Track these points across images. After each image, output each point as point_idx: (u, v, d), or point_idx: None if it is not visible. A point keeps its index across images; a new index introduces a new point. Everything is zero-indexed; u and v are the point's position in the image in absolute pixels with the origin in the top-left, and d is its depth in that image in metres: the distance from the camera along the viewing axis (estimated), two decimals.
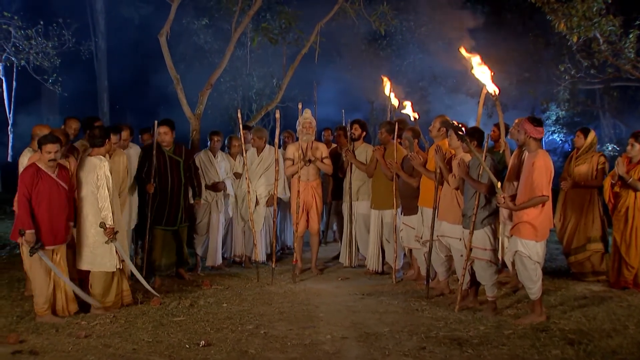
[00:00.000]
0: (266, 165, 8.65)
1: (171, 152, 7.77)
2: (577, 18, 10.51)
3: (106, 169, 6.31)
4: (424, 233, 7.19)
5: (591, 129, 8.10)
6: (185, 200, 7.86)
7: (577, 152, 7.83)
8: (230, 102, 22.12)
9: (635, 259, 7.03)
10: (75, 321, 6.02)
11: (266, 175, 8.64)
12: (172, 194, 7.70)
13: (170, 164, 7.73)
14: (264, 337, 5.56)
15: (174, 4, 9.92)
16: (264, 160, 8.70)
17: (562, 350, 5.12)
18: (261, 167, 8.71)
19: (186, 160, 7.86)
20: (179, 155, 7.81)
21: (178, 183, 7.77)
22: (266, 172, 8.65)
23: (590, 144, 7.73)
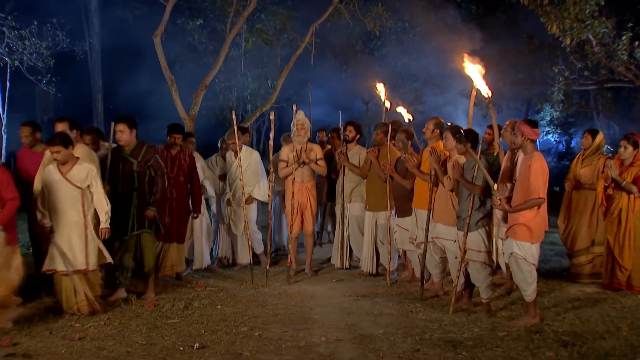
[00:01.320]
0: (244, 167, 8.31)
1: (128, 152, 6.93)
2: (569, 20, 10.57)
3: None
4: (418, 235, 7.20)
5: (599, 130, 8.11)
6: (140, 206, 6.90)
7: (583, 153, 7.84)
8: (225, 103, 22.14)
9: (629, 260, 7.06)
10: (69, 324, 6.00)
11: (244, 176, 8.24)
12: (121, 198, 6.83)
13: (123, 165, 6.91)
14: (258, 339, 5.55)
15: (169, 5, 9.93)
16: (242, 162, 8.31)
17: (555, 352, 5.13)
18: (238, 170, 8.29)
19: (142, 162, 6.93)
20: (135, 156, 6.91)
21: (129, 186, 6.89)
22: (245, 174, 8.29)
23: (597, 146, 7.74)
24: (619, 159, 7.23)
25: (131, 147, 6.95)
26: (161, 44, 9.88)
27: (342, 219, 8.50)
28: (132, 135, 6.94)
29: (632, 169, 7.11)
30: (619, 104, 20.26)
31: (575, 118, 24.08)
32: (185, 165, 7.76)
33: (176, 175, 7.68)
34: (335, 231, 8.77)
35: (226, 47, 10.48)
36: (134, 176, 6.91)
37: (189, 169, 7.80)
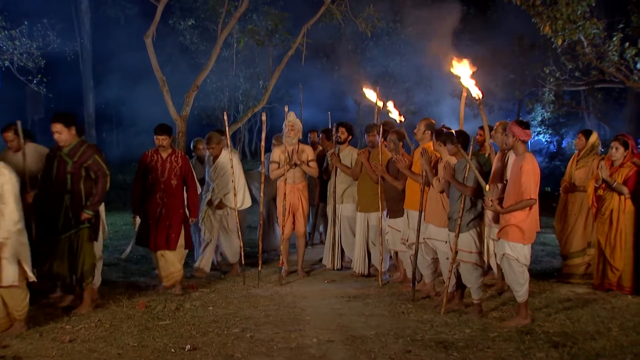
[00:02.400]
0: (223, 172, 8.10)
1: (65, 152, 6.45)
2: (561, 21, 10.60)
3: None
4: (410, 236, 7.21)
5: (593, 131, 8.12)
6: (73, 208, 6.40)
7: (578, 155, 7.87)
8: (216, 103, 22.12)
9: (620, 261, 7.09)
10: (59, 325, 5.97)
11: (221, 181, 8.11)
12: (52, 200, 6.43)
13: (58, 165, 6.45)
14: (249, 340, 5.55)
15: (160, 5, 9.89)
16: (219, 167, 8.13)
17: (546, 353, 5.15)
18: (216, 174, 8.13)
19: (78, 163, 6.43)
20: (71, 156, 6.44)
21: (61, 188, 6.43)
22: (221, 178, 8.11)
23: (591, 146, 7.75)
24: (610, 159, 7.26)
25: (69, 146, 6.46)
26: (153, 44, 9.84)
27: (334, 220, 8.50)
28: (70, 134, 6.43)
29: (623, 169, 7.14)
30: (610, 105, 20.38)
31: (566, 118, 24.18)
32: (177, 168, 7.38)
33: (167, 179, 7.32)
34: (327, 232, 8.77)
35: (218, 48, 10.45)
36: (67, 177, 6.41)
37: (183, 172, 7.41)
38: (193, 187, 7.53)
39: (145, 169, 7.37)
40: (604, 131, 23.57)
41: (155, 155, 7.38)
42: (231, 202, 8.02)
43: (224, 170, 8.09)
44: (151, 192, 7.31)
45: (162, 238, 7.26)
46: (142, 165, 7.42)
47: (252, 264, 8.54)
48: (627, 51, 12.12)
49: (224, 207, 8.16)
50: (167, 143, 7.34)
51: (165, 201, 7.30)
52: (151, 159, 7.30)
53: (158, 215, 7.28)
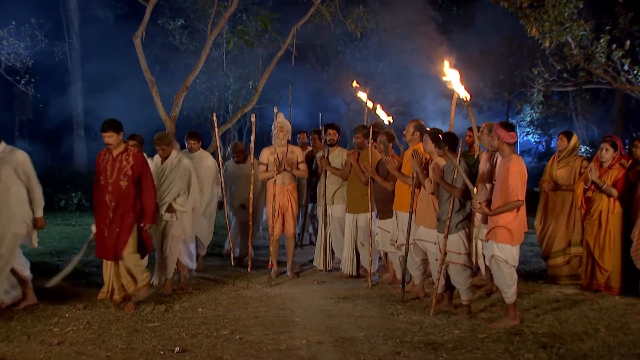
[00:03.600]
0: (174, 175, 7.46)
1: None
2: (549, 23, 10.65)
3: None
4: (399, 237, 7.23)
5: (574, 132, 8.20)
6: None
7: (559, 155, 7.91)
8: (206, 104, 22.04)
9: (609, 262, 7.13)
10: (47, 328, 5.94)
11: (172, 184, 7.45)
12: None
13: None
14: (239, 342, 5.54)
15: (149, 6, 9.86)
16: (168, 170, 7.47)
17: (535, 354, 5.18)
18: (163, 177, 7.51)
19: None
20: None
21: None
22: (171, 181, 7.47)
23: (573, 147, 7.82)
24: (598, 161, 7.30)
25: None
26: (142, 44, 9.80)
27: (325, 221, 8.51)
28: None
29: (612, 171, 7.17)
30: (597, 106, 20.50)
31: (554, 119, 24.32)
32: (127, 168, 6.58)
33: (116, 180, 6.56)
34: (318, 233, 8.77)
35: (207, 48, 10.42)
36: None
37: (135, 172, 6.60)
38: (147, 189, 6.69)
39: (99, 170, 6.73)
40: (591, 132, 23.72)
41: (107, 154, 6.69)
42: (184, 206, 7.46)
43: (172, 172, 7.46)
44: (101, 196, 6.63)
45: (111, 246, 6.56)
46: (97, 166, 6.77)
47: (241, 265, 8.53)
48: (614, 53, 12.21)
49: (173, 211, 7.43)
50: (114, 141, 6.56)
51: (114, 205, 6.57)
52: (102, 159, 6.68)
53: (108, 221, 6.59)
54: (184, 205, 7.48)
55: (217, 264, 9.18)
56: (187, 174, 7.52)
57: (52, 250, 10.15)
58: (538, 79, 16.34)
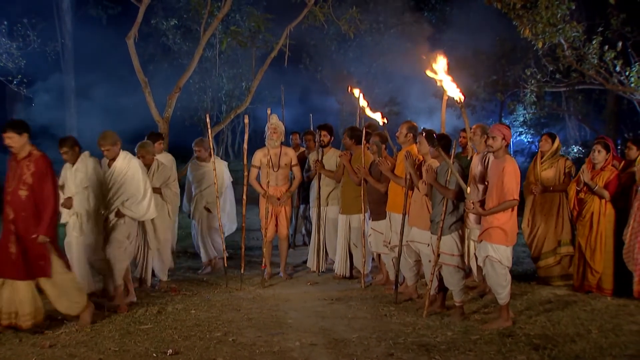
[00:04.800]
0: (124, 178, 6.80)
1: None
2: (541, 24, 10.68)
3: None
4: (392, 238, 7.23)
5: (556, 134, 8.24)
6: None
7: (542, 156, 7.94)
8: (199, 104, 22.03)
9: (600, 264, 7.16)
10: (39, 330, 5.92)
11: (120, 188, 6.78)
12: None
13: None
14: (232, 344, 5.53)
15: (142, 7, 9.83)
16: (116, 172, 6.80)
17: (527, 355, 5.19)
18: (111, 180, 6.84)
19: None
20: None
21: None
22: (121, 186, 6.79)
23: (556, 149, 7.87)
24: (591, 162, 7.32)
25: None
26: (135, 44, 9.78)
27: (318, 222, 8.50)
28: None
29: (604, 173, 7.20)
30: (590, 106, 20.59)
31: (547, 119, 24.39)
32: (27, 175, 5.76)
33: (15, 189, 5.78)
34: (312, 235, 8.76)
35: (200, 49, 10.42)
36: None
37: (35, 180, 5.76)
38: (46, 197, 5.79)
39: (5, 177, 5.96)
40: (584, 132, 23.81)
41: (13, 160, 5.91)
42: (135, 212, 6.80)
43: (121, 175, 6.76)
44: (4, 207, 5.87)
45: (17, 263, 5.76)
46: None
47: (235, 267, 8.52)
48: (607, 54, 12.25)
49: (121, 216, 6.76)
50: (15, 143, 5.77)
51: (13, 217, 5.79)
52: (9, 165, 5.91)
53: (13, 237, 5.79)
54: (135, 211, 6.78)
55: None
56: (138, 176, 6.81)
57: None
58: (531, 79, 16.39)
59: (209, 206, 8.52)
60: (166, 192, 7.63)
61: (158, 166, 7.61)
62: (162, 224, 7.57)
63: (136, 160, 6.93)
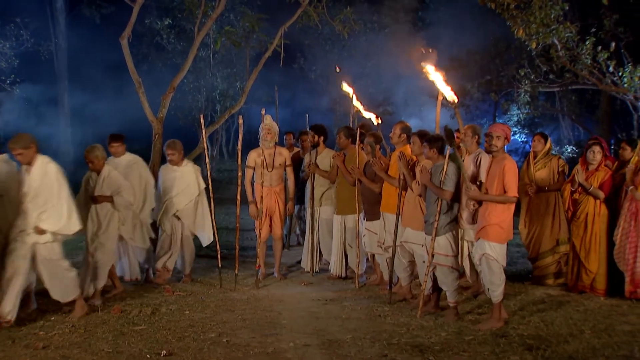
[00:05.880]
0: (41, 187, 6.16)
1: None
2: (535, 25, 10.70)
3: None
4: (387, 238, 7.24)
5: (547, 134, 8.27)
6: None
7: (534, 157, 7.96)
8: (194, 103, 21.97)
9: (594, 264, 7.18)
10: (32, 332, 5.90)
11: (36, 198, 6.15)
12: None
13: None
14: (226, 345, 5.53)
15: (136, 7, 9.79)
16: (33, 179, 6.18)
17: (520, 356, 5.21)
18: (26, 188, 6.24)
19: None
20: None
21: None
22: (37, 195, 6.17)
23: (549, 149, 7.90)
24: (585, 163, 7.35)
25: None
26: (129, 44, 9.74)
27: (312, 223, 8.50)
28: None
29: (598, 173, 7.23)
30: (583, 106, 20.61)
31: (541, 119, 24.42)
32: None
33: None
34: (306, 235, 8.76)
35: (194, 49, 10.36)
36: None
37: None
38: None
39: None
40: (577, 132, 23.85)
41: None
42: (53, 224, 6.14)
43: (37, 183, 6.17)
44: None
45: None
46: None
47: (229, 267, 8.51)
48: (600, 54, 12.29)
49: (42, 233, 6.11)
50: None
51: None
52: None
53: None
54: (52, 224, 6.13)
55: (204, 266, 9.14)
56: (55, 183, 6.18)
57: None
58: (525, 79, 16.42)
59: (179, 214, 7.96)
60: (118, 201, 7.04)
61: (109, 173, 7.07)
62: (108, 235, 7.06)
63: (54, 165, 6.25)
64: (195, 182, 8.02)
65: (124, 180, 7.17)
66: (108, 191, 7.03)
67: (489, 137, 6.12)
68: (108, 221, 7.05)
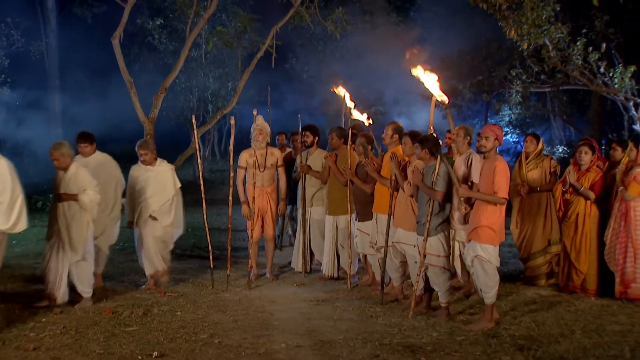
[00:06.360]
0: None
1: None
2: (527, 26, 10.74)
3: None
4: (379, 239, 7.25)
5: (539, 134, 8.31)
6: None
7: (526, 157, 7.98)
8: (185, 104, 21.92)
9: (585, 264, 7.22)
10: (23, 333, 5.86)
11: None
12: None
13: None
14: (218, 346, 5.52)
15: (127, 7, 9.77)
16: None
17: (512, 356, 5.23)
18: None
19: None
20: None
21: None
22: None
23: (541, 149, 7.94)
24: (576, 163, 7.38)
25: None
26: (120, 44, 9.72)
27: (304, 223, 8.50)
28: None
29: (589, 174, 7.26)
30: (574, 107, 20.70)
31: (532, 119, 24.51)
32: None
33: None
34: (297, 236, 8.76)
35: (186, 49, 10.36)
36: None
37: None
38: None
39: None
40: (569, 132, 23.96)
41: None
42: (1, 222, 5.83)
43: None
44: None
45: None
46: None
47: (221, 267, 8.50)
48: (591, 55, 12.36)
49: None
50: None
51: None
52: None
53: None
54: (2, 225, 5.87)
55: (196, 266, 9.13)
56: (8, 183, 5.88)
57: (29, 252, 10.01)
58: (516, 80, 16.49)
59: (155, 214, 7.61)
60: (83, 199, 6.77)
61: (76, 170, 6.86)
62: (79, 234, 6.82)
63: (5, 161, 5.95)
64: (172, 182, 7.74)
65: (91, 178, 6.92)
66: (75, 189, 6.80)
67: (479, 138, 6.14)
68: (77, 220, 6.81)
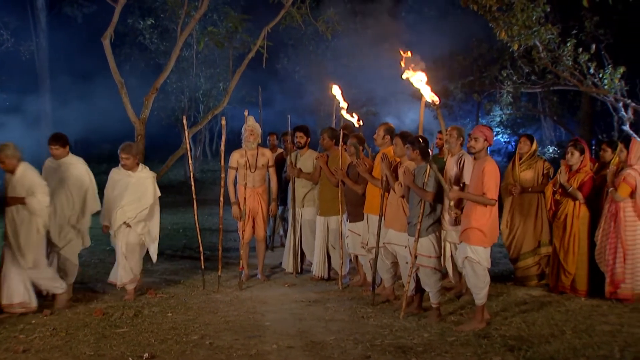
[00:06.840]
0: None
1: None
2: (517, 27, 10.78)
3: None
4: (370, 240, 7.25)
5: (533, 135, 8.34)
6: None
7: (520, 158, 8.01)
8: (177, 104, 21.88)
9: (573, 265, 7.24)
10: (12, 335, 5.84)
11: None
12: None
13: None
14: (209, 347, 5.51)
15: (118, 7, 9.73)
16: None
17: (502, 356, 5.24)
18: None
19: None
20: None
21: None
22: None
23: (534, 150, 7.96)
24: (567, 164, 7.41)
25: None
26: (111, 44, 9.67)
27: (294, 224, 8.49)
28: None
29: (579, 175, 7.29)
30: (565, 107, 20.80)
31: (523, 120, 24.63)
32: None
33: None
34: (288, 236, 8.76)
35: (177, 50, 10.33)
36: None
37: None
38: None
39: None
40: (559, 132, 24.09)
41: None
42: None
43: None
44: None
45: None
46: None
47: (212, 268, 8.48)
48: (581, 56, 12.41)
49: None
50: None
51: None
52: None
53: None
54: None
55: (187, 267, 9.11)
56: None
57: None
58: (507, 80, 16.54)
59: (130, 222, 7.20)
60: (31, 202, 6.44)
61: (24, 172, 6.53)
62: (27, 240, 6.50)
63: None
64: (152, 190, 7.33)
65: (40, 179, 6.60)
66: (22, 191, 6.47)
67: (469, 139, 6.15)
68: (26, 225, 6.50)
